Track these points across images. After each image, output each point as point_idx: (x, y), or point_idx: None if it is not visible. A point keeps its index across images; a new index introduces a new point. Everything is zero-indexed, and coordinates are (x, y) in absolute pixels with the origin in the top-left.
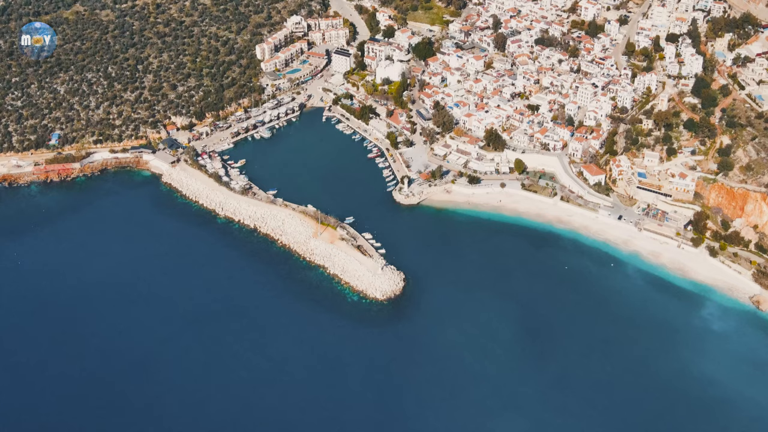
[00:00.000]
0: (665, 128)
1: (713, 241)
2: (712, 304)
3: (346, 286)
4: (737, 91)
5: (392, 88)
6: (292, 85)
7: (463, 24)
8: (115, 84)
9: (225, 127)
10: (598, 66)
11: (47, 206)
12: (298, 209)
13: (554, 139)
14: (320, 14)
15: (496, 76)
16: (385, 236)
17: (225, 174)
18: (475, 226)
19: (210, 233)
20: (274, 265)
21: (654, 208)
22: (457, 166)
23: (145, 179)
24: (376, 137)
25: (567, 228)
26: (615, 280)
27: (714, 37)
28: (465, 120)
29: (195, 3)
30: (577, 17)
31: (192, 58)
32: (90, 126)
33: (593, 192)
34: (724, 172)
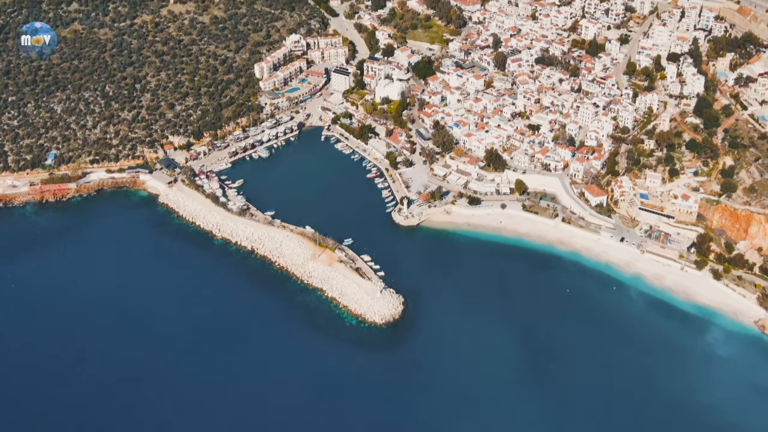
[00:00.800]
0: (667, 149)
1: (717, 264)
2: (716, 328)
3: (344, 309)
4: (740, 112)
5: (392, 108)
6: (290, 104)
7: (463, 43)
8: (112, 103)
9: (223, 147)
10: (599, 85)
11: (42, 227)
12: (296, 230)
13: (555, 159)
14: (319, 33)
15: (497, 96)
16: (384, 258)
17: (222, 194)
18: (475, 248)
19: (207, 255)
20: (272, 287)
21: (656, 229)
22: (457, 187)
23: (141, 200)
24: (376, 157)
25: (568, 250)
26: (617, 303)
27: (715, 56)
28: (465, 140)
29: (194, 22)
30: (578, 36)
31: (190, 77)
32: (86, 145)
33: (595, 213)
34: (728, 194)
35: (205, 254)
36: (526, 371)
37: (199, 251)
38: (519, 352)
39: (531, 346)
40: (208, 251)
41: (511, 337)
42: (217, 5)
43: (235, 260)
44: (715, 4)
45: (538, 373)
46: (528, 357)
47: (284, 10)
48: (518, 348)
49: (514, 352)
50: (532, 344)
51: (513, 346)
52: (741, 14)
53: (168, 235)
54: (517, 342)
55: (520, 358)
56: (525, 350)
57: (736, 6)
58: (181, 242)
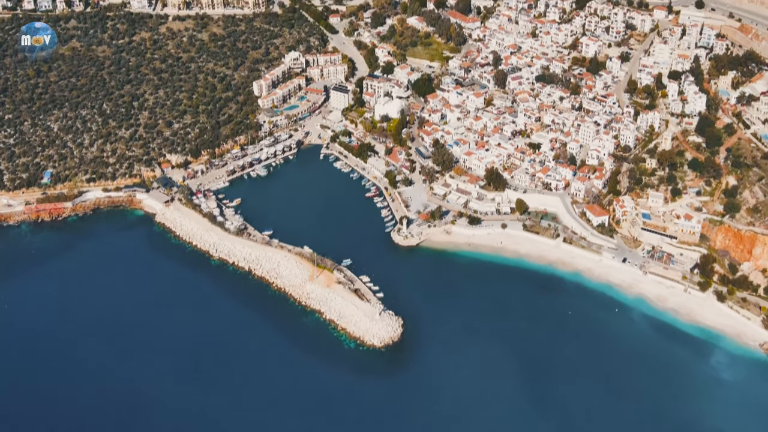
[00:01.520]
0: (669, 168)
1: (721, 286)
2: (720, 352)
3: (342, 332)
4: (742, 131)
5: (391, 126)
6: (289, 121)
7: (463, 60)
8: (109, 121)
9: (221, 165)
10: (600, 104)
11: (37, 247)
12: (294, 251)
13: (556, 178)
14: (319, 50)
15: (497, 114)
16: (383, 279)
17: (220, 214)
18: (475, 269)
19: (203, 276)
20: (269, 309)
21: (659, 250)
22: (457, 206)
23: (138, 219)
24: (375, 175)
25: (570, 270)
26: (620, 326)
27: (717, 74)
28: (465, 158)
29: (192, 39)
30: (578, 54)
31: (188, 95)
32: (83, 164)
33: (596, 233)
34: (731, 214)
35: (202, 275)
36: (528, 395)
37: (195, 272)
38: (520, 375)
39: (532, 369)
40: (204, 272)
41: (513, 360)
42: (216, 22)
43: (232, 281)
44: (717, 22)
45: (540, 397)
46: (530, 381)
47: (283, 27)
48: (520, 372)
49: (515, 375)
50: (533, 368)
51: (514, 370)
52: (742, 32)
53: (164, 256)
54: (518, 365)
55: (521, 381)
56: (526, 374)
57: (738, 24)
58: (178, 263)
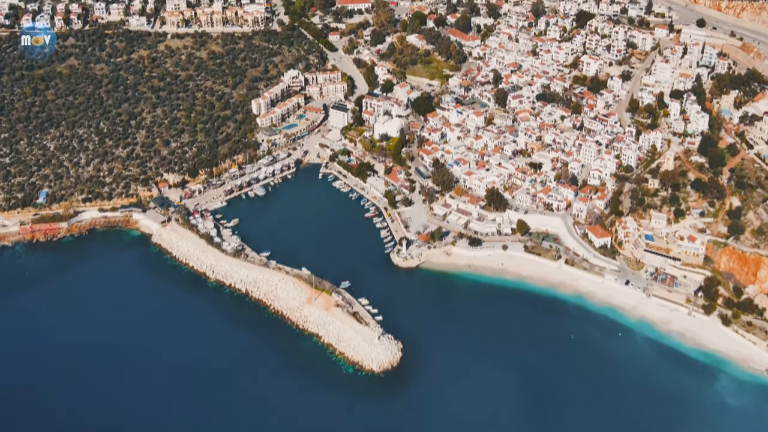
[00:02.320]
0: (672, 188)
1: (725, 309)
2: (726, 377)
3: (340, 356)
4: (745, 151)
5: (391, 145)
6: (288, 140)
7: (463, 78)
8: (106, 140)
9: (218, 185)
10: (602, 123)
11: (32, 268)
12: (291, 273)
13: (558, 199)
14: (318, 68)
15: (497, 133)
16: (382, 302)
17: (217, 234)
18: (476, 291)
19: (200, 298)
20: (266, 333)
21: (662, 272)
22: (457, 227)
23: (134, 239)
24: (374, 195)
25: (572, 293)
26: (623, 350)
27: (719, 94)
28: (465, 178)
29: (191, 57)
30: (579, 72)
31: (186, 113)
32: (79, 183)
33: (599, 255)
34: (735, 236)
35: (198, 297)
36: (529, 422)
37: (191, 294)
38: (522, 402)
39: (534, 395)
40: (201, 294)
41: (514, 386)
42: (215, 40)
43: (228, 304)
44: (718, 40)
45: (542, 424)
46: (531, 407)
47: (282, 45)
48: (521, 398)
49: (516, 402)
50: (535, 393)
51: (515, 396)
52: (744, 51)
53: (160, 277)
54: (519, 391)
55: (522, 408)
56: (528, 400)
57: (739, 43)
58: (174, 285)
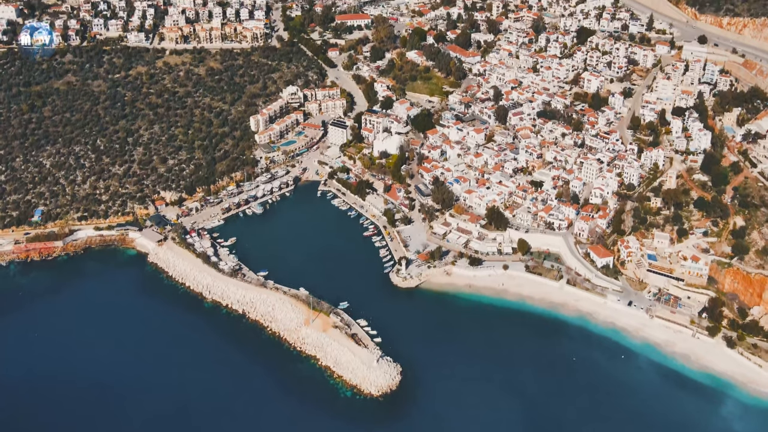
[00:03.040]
0: (675, 207)
1: (730, 331)
2: (731, 401)
3: (338, 380)
4: (749, 169)
5: (390, 162)
6: (286, 157)
7: (463, 95)
8: (103, 157)
9: (216, 203)
10: (603, 140)
11: (26, 288)
12: (289, 293)
13: (559, 217)
14: (317, 84)
15: (498, 150)
16: (381, 323)
17: (214, 253)
18: (476, 312)
19: (196, 319)
20: (263, 355)
21: (666, 293)
22: (457, 246)
23: (130, 259)
24: (373, 214)
25: (574, 314)
26: (627, 373)
27: (722, 111)
28: (465, 197)
29: (189, 73)
30: (580, 89)
31: (184, 130)
32: (75, 201)
33: (601, 275)
34: (740, 256)
35: (194, 318)
36: None
37: (188, 315)
38: (523, 428)
39: (536, 420)
40: (197, 315)
41: (515, 410)
42: (214, 57)
43: (225, 325)
44: (720, 57)
45: None
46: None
47: (281, 62)
48: (522, 423)
49: (517, 428)
50: (537, 418)
51: (517, 422)
52: (746, 68)
53: (156, 298)
54: (521, 416)
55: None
56: (529, 426)
57: (741, 60)
58: (170, 305)
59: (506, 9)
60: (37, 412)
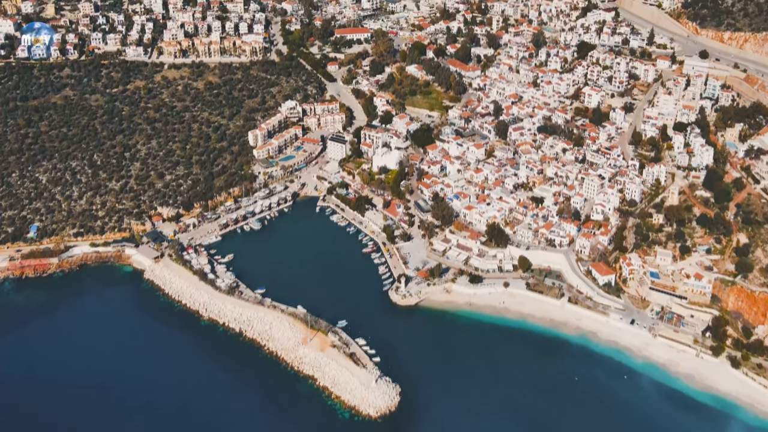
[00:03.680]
0: (677, 224)
1: (735, 350)
2: (737, 423)
3: (336, 400)
4: (752, 185)
5: (389, 178)
6: (285, 172)
7: (463, 110)
8: (100, 172)
9: (213, 219)
10: (604, 156)
11: (20, 305)
12: (287, 311)
13: (560, 234)
14: (316, 99)
15: (498, 166)
16: (380, 342)
17: (211, 270)
18: (477, 331)
19: (192, 337)
20: (260, 375)
21: (668, 311)
22: (457, 263)
23: (126, 276)
24: (372, 230)
25: (576, 333)
26: (629, 394)
27: (724, 126)
28: (465, 213)
29: (188, 87)
30: (581, 104)
31: (182, 145)
32: (71, 217)
33: (603, 293)
34: (743, 274)
35: (191, 337)
36: None
37: (184, 333)
38: None
39: None
40: (193, 333)
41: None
42: (212, 71)
43: (222, 343)
44: (721, 72)
45: None
46: None
47: (280, 76)
48: None
49: None
50: None
51: None
52: (748, 83)
53: (152, 315)
54: None
55: None
56: None
57: (743, 75)
58: (166, 324)
59: (506, 23)
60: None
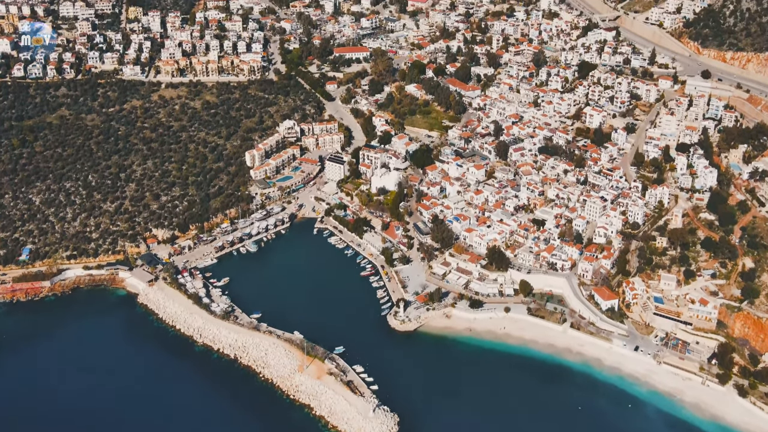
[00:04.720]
0: (681, 247)
1: (741, 378)
2: None
3: (333, 430)
4: (756, 208)
5: (388, 199)
6: (282, 193)
7: (463, 130)
8: (94, 194)
9: (209, 241)
10: (606, 177)
11: (10, 330)
12: (283, 337)
13: (562, 258)
14: (314, 118)
15: (498, 187)
16: (378, 369)
17: (206, 294)
18: (477, 358)
19: (186, 364)
20: (255, 403)
21: (673, 337)
22: (457, 287)
23: (119, 299)
24: (371, 252)
25: (578, 360)
26: (634, 424)
27: (727, 147)
28: (465, 235)
29: (185, 107)
30: (582, 124)
31: (178, 166)
32: (64, 240)
33: (606, 318)
34: (750, 300)
35: (184, 363)
36: None
37: (177, 360)
38: None
39: None
40: (187, 360)
41: None
42: (210, 90)
43: (216, 370)
44: (724, 92)
45: None
46: None
47: (278, 95)
48: None
49: None
50: None
51: None
52: (751, 103)
53: (145, 341)
54: None
55: None
56: None
57: (746, 95)
58: (159, 349)
59: (506, 42)
60: None
